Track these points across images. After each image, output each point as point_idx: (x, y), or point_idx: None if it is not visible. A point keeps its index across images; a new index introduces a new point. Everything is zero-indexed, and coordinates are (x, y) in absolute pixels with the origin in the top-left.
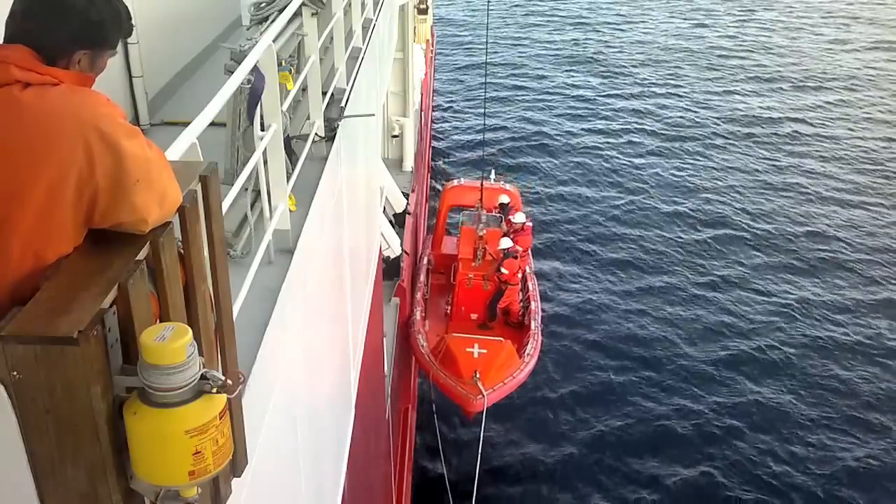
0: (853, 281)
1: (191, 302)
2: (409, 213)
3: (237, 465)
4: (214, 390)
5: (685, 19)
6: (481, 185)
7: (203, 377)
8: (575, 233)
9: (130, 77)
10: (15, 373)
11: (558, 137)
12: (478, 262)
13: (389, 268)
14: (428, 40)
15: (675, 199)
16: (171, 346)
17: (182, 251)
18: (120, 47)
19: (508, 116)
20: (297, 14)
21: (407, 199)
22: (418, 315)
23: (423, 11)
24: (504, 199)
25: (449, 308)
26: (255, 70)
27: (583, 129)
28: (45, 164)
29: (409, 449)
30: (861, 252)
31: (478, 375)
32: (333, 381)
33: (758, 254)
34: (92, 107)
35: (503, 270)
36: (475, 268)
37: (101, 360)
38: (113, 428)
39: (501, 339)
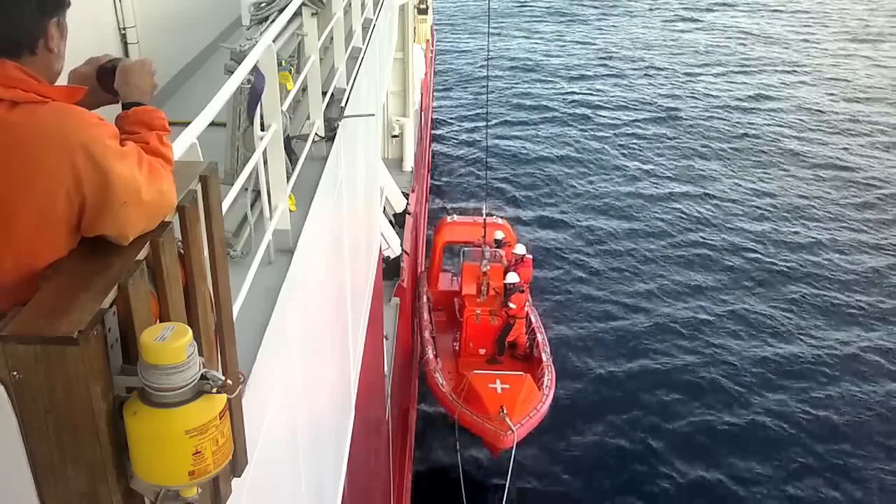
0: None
1: (191, 302)
2: (409, 213)
3: (237, 465)
4: (214, 390)
5: (701, 29)
6: (484, 222)
7: (203, 377)
8: (577, 245)
9: None
10: (15, 373)
11: (562, 144)
12: (482, 297)
13: (389, 268)
14: (428, 40)
15: (678, 209)
16: (171, 346)
17: (182, 251)
18: (120, 47)
19: (510, 120)
20: (297, 14)
21: (407, 199)
22: (430, 354)
23: (423, 11)
24: (499, 234)
25: (456, 345)
26: (255, 70)
27: (584, 127)
28: (32, 186)
29: (409, 449)
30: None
31: (504, 411)
32: (333, 381)
33: (793, 289)
34: (80, 128)
35: (511, 305)
36: (480, 303)
37: (101, 360)
38: (113, 428)
39: (521, 373)
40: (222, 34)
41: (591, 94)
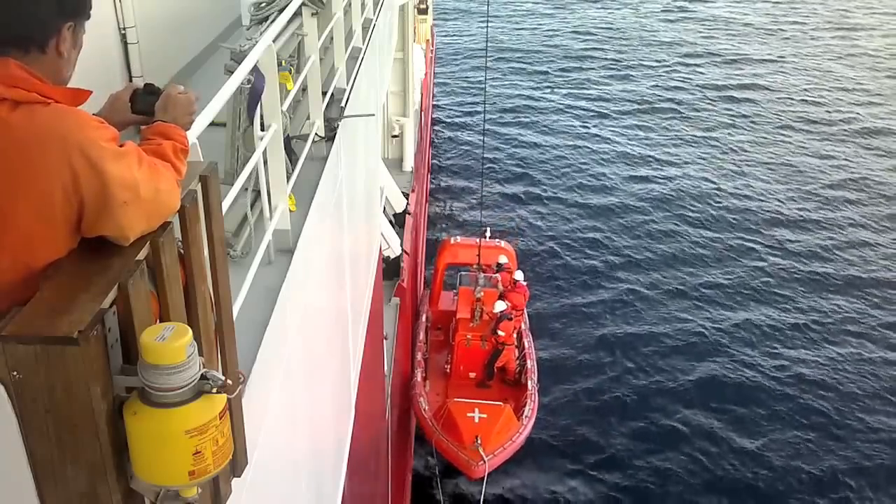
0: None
1: (191, 302)
2: (409, 213)
3: (237, 465)
4: (214, 390)
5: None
6: (479, 245)
7: (203, 377)
8: (574, 251)
9: (130, 77)
10: (15, 373)
11: (559, 146)
12: (476, 322)
13: (389, 268)
14: (428, 40)
15: (679, 227)
16: (171, 345)
17: (182, 251)
18: (120, 47)
19: (509, 127)
20: (297, 14)
21: (407, 199)
22: (419, 377)
23: (423, 11)
24: (503, 258)
25: (448, 367)
26: (255, 70)
27: (583, 131)
28: (31, 187)
29: (409, 449)
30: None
31: (479, 441)
32: (333, 381)
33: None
34: (78, 130)
35: (500, 333)
36: (473, 328)
37: (101, 360)
38: (113, 428)
39: (501, 403)
40: (222, 34)
41: (588, 90)
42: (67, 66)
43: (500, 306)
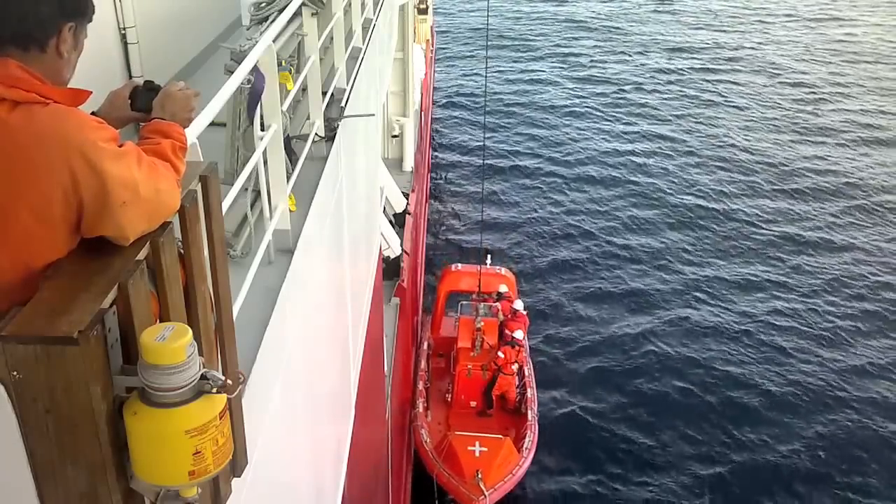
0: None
1: (191, 302)
2: (409, 213)
3: (237, 465)
4: (214, 390)
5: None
6: (479, 272)
7: (203, 377)
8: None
9: (130, 77)
10: (15, 373)
11: (558, 146)
12: (476, 352)
13: (389, 268)
14: (428, 40)
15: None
16: (171, 346)
17: (182, 251)
18: (120, 47)
19: (508, 124)
20: (297, 14)
21: (407, 199)
22: (420, 407)
23: (423, 11)
24: (503, 287)
25: (449, 396)
26: (255, 70)
27: (582, 133)
28: (30, 188)
29: (408, 449)
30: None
31: (480, 475)
32: (333, 381)
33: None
34: (78, 131)
35: (500, 355)
36: (474, 358)
37: (101, 360)
38: (113, 428)
39: (501, 436)
40: (222, 34)
41: (587, 89)
42: (67, 68)
43: (518, 334)
